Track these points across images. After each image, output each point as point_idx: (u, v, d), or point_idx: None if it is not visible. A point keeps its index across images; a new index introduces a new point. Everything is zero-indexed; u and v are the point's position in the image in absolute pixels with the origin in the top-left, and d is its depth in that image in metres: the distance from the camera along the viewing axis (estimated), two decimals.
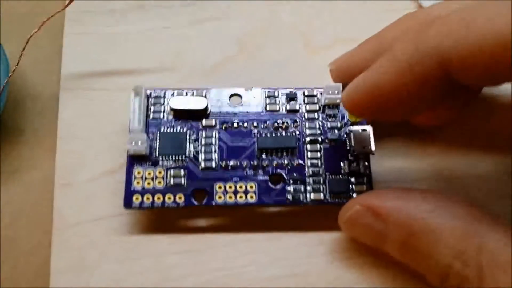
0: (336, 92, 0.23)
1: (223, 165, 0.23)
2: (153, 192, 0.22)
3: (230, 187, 0.22)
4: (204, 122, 0.23)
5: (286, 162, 0.23)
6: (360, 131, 0.23)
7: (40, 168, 0.25)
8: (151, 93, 0.24)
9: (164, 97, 0.24)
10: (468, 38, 0.17)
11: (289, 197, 0.22)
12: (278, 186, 0.22)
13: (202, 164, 0.23)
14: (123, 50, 0.26)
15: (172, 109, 0.23)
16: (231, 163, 0.23)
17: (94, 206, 0.23)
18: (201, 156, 0.23)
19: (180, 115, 0.23)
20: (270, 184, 0.22)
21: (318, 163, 0.23)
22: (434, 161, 0.24)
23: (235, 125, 0.23)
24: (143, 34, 0.27)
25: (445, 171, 0.24)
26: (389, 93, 0.19)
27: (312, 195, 0.22)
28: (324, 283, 0.22)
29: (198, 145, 0.23)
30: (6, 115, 0.25)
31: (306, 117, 0.24)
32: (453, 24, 0.17)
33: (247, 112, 0.24)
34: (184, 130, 0.23)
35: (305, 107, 0.24)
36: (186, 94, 0.24)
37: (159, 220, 0.23)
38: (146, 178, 0.22)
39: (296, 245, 0.23)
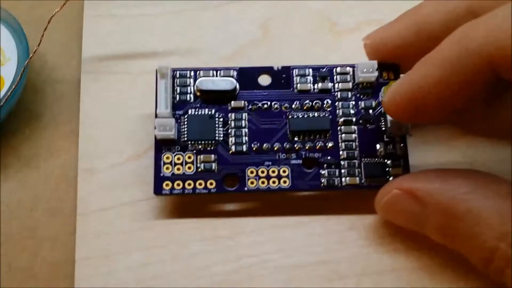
0: (371, 70, 0.22)
1: (254, 149, 0.22)
2: (183, 178, 0.21)
3: (263, 171, 0.22)
4: (233, 103, 0.22)
5: (319, 144, 0.22)
6: None
7: (59, 154, 0.24)
8: (175, 73, 0.23)
9: (190, 77, 0.23)
10: None
11: (324, 181, 0.22)
12: (312, 170, 0.22)
13: (233, 148, 0.22)
14: (144, 33, 0.26)
15: (200, 90, 0.22)
16: (263, 146, 0.22)
17: (118, 191, 0.23)
18: (231, 140, 0.22)
19: (208, 96, 0.22)
20: (303, 168, 0.22)
21: (352, 146, 0.22)
22: (464, 151, 0.23)
23: (265, 106, 0.22)
24: (163, 16, 0.26)
25: (475, 162, 0.23)
26: (433, 94, 0.18)
27: (348, 179, 0.22)
28: (354, 270, 0.21)
29: (228, 128, 0.22)
30: (25, 100, 0.25)
31: (338, 96, 0.23)
32: (503, 21, 0.16)
33: (277, 92, 0.23)
34: (213, 113, 0.22)
35: (338, 85, 0.23)
36: (213, 75, 0.23)
37: (185, 206, 0.23)
38: (175, 164, 0.22)
39: (326, 231, 0.22)
